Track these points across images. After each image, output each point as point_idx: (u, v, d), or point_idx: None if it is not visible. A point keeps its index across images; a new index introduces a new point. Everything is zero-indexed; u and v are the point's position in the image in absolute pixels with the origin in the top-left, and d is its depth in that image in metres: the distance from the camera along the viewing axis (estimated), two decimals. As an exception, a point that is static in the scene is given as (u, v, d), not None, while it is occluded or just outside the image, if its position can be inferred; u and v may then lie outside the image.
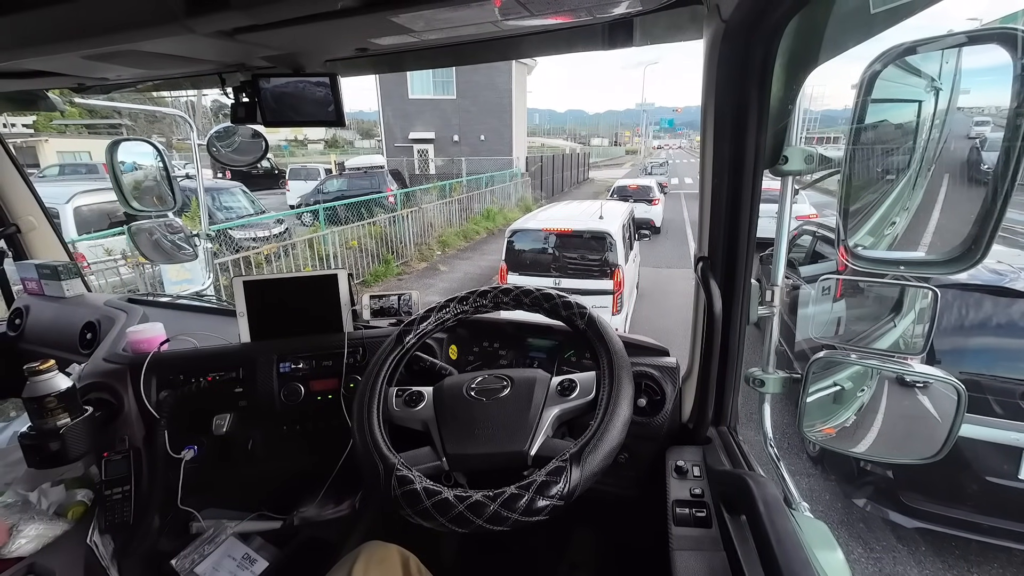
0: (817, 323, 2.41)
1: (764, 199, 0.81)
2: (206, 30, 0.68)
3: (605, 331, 0.85)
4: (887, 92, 0.66)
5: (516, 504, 0.62)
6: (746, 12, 0.66)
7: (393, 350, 0.90)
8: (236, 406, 1.19)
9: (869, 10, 0.58)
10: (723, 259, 0.86)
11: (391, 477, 0.68)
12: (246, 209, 8.60)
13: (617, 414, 0.72)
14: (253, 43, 0.83)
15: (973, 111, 0.73)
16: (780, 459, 0.89)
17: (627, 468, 1.05)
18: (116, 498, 1.07)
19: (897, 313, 1.86)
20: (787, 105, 0.75)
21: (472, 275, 8.06)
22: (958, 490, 2.28)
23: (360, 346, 1.21)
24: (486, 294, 0.96)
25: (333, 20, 0.70)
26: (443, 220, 10.11)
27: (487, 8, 0.71)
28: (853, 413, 1.00)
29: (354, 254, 7.27)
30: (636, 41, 0.90)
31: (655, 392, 1.04)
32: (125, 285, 4.85)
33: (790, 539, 0.62)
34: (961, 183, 0.73)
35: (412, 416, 0.82)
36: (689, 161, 44.26)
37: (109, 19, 0.69)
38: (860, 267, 0.73)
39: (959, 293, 2.42)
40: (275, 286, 1.24)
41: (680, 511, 0.82)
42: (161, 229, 1.80)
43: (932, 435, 0.79)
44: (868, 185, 0.76)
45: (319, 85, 0.99)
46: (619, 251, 4.42)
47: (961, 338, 2.39)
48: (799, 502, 0.83)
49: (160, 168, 1.73)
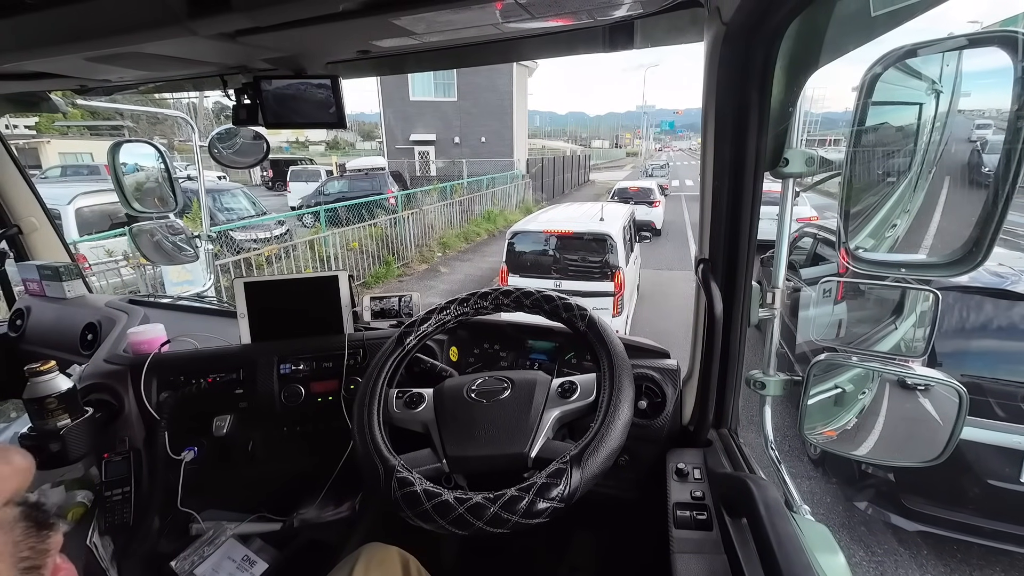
0: (818, 325, 2.40)
1: (765, 201, 0.81)
2: (208, 32, 0.69)
3: (606, 333, 0.85)
4: (888, 95, 0.66)
5: (516, 506, 0.62)
6: (747, 15, 0.66)
7: (393, 352, 0.90)
8: (236, 407, 1.19)
9: (869, 13, 0.59)
10: (724, 261, 0.86)
11: (391, 479, 0.68)
12: (247, 210, 8.62)
13: (618, 416, 0.72)
14: (255, 45, 0.83)
15: (974, 114, 0.73)
16: (781, 462, 0.89)
17: (628, 470, 1.05)
18: (116, 499, 1.07)
19: (898, 315, 1.85)
20: (788, 107, 0.75)
21: (473, 277, 8.06)
22: (960, 493, 2.28)
23: (360, 348, 1.21)
24: (487, 296, 0.96)
25: (334, 22, 0.71)
26: (444, 222, 10.12)
27: (488, 10, 0.71)
28: (854, 416, 1.00)
29: (355, 255, 7.27)
30: (637, 44, 0.90)
31: (656, 394, 1.04)
32: (126, 286, 4.86)
33: (791, 542, 0.62)
34: (962, 185, 0.73)
35: (412, 418, 0.82)
36: (690, 163, 44.29)
37: (112, 21, 0.69)
38: (861, 269, 0.73)
39: (960, 296, 2.41)
40: (276, 287, 1.24)
41: (681, 514, 0.82)
42: (162, 230, 1.81)
43: (934, 438, 0.79)
44: (869, 187, 0.76)
45: (320, 87, 0.99)
46: (620, 253, 4.42)
47: (963, 341, 2.39)
48: (800, 505, 0.82)
49: (162, 169, 1.74)
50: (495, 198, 12.96)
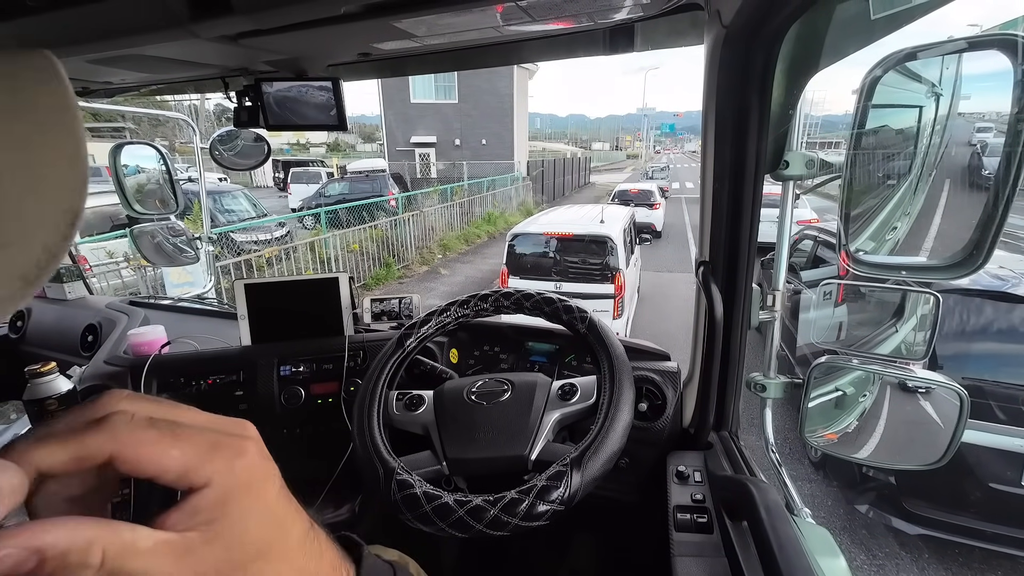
0: (818, 328, 2.40)
1: (765, 204, 0.81)
2: (210, 34, 0.69)
3: (606, 335, 0.85)
4: (888, 97, 0.66)
5: (516, 509, 0.62)
6: (747, 18, 0.66)
7: (394, 354, 0.90)
8: (236, 409, 1.19)
9: (869, 16, 0.59)
10: (724, 263, 0.86)
11: (391, 481, 0.67)
12: (248, 212, 8.64)
13: (618, 419, 0.72)
14: (256, 47, 0.83)
15: (974, 117, 0.73)
16: (782, 464, 0.88)
17: (628, 473, 1.05)
18: (115, 501, 1.07)
19: (899, 318, 1.85)
20: (788, 110, 0.75)
21: (473, 279, 8.06)
22: (961, 496, 2.27)
23: (361, 349, 1.21)
24: (487, 298, 0.96)
25: (336, 25, 0.71)
26: (444, 224, 10.13)
27: (489, 13, 0.71)
28: (855, 418, 1.00)
29: (355, 257, 7.28)
30: (637, 46, 0.90)
31: (656, 397, 1.04)
32: (127, 288, 4.86)
33: (792, 545, 0.62)
34: (962, 188, 0.73)
35: (412, 420, 0.82)
36: (690, 166, 44.33)
37: (114, 24, 0.69)
38: (861, 272, 0.72)
39: (961, 298, 2.41)
40: (276, 289, 1.24)
41: (681, 517, 0.81)
42: (163, 232, 1.81)
43: (935, 441, 0.79)
44: (869, 190, 0.76)
45: (321, 89, 1.00)
46: (620, 255, 4.42)
47: (963, 343, 2.39)
48: (801, 508, 0.82)
49: (163, 171, 1.74)
50: (495, 200, 12.97)
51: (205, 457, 0.24)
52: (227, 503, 0.24)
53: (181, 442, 0.24)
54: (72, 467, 0.22)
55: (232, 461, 0.25)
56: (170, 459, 0.23)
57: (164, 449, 0.23)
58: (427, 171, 19.16)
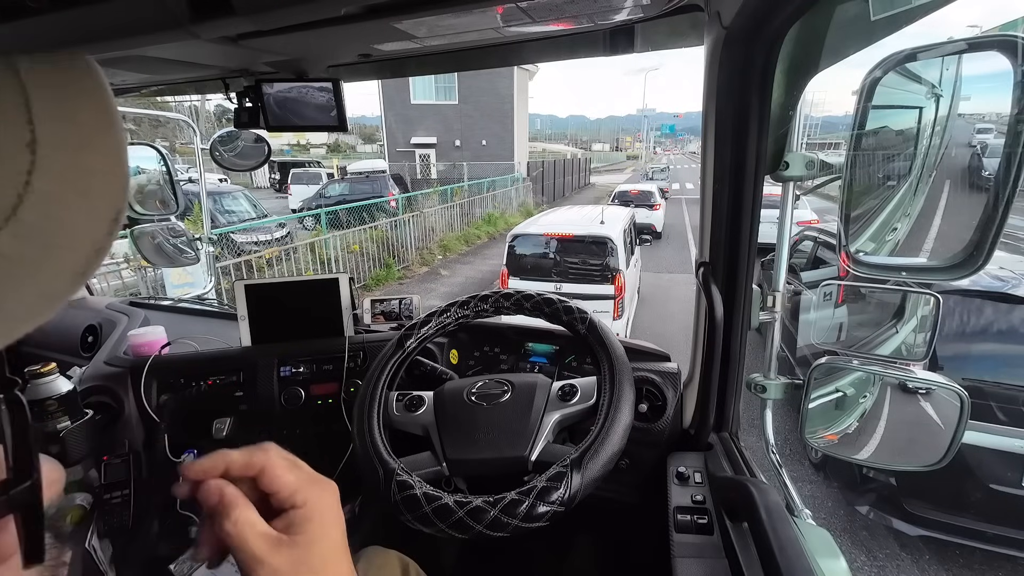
0: (819, 329, 2.40)
1: (765, 204, 0.81)
2: (210, 36, 0.69)
3: (606, 336, 0.85)
4: (888, 98, 0.66)
5: (516, 510, 0.62)
6: (747, 19, 0.66)
7: (394, 354, 0.90)
8: (236, 410, 1.19)
9: (869, 17, 0.59)
10: (724, 264, 0.86)
11: (391, 482, 0.67)
12: (248, 213, 8.64)
13: (618, 420, 0.72)
14: (257, 48, 0.83)
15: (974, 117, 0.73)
16: (782, 465, 0.88)
17: (628, 474, 1.05)
18: (115, 502, 1.07)
19: (899, 319, 1.85)
20: (788, 111, 0.75)
21: (473, 279, 8.06)
22: (962, 498, 2.27)
23: (361, 350, 1.21)
24: (487, 298, 0.95)
25: (336, 26, 0.71)
26: (444, 224, 10.13)
27: (489, 15, 0.71)
28: (855, 419, 0.99)
29: (355, 258, 7.28)
30: (637, 47, 0.90)
31: (656, 398, 1.04)
32: (127, 288, 4.86)
33: (792, 546, 0.62)
34: (962, 189, 0.73)
35: (412, 421, 0.82)
36: (690, 167, 44.34)
37: (114, 24, 0.69)
38: (862, 273, 0.72)
39: (961, 299, 2.41)
40: (276, 290, 1.24)
41: (681, 518, 0.81)
42: (164, 233, 1.81)
43: (935, 442, 0.79)
44: (869, 191, 0.76)
45: (322, 90, 1.00)
46: (620, 256, 4.42)
47: (964, 344, 2.38)
48: (801, 509, 0.82)
49: (163, 172, 1.74)
50: (496, 201, 12.98)
51: (307, 486, 0.38)
52: (311, 521, 0.37)
53: (297, 472, 0.39)
54: (242, 471, 0.37)
55: (322, 494, 0.39)
56: (288, 481, 0.38)
57: (286, 473, 0.38)
58: (427, 172, 19.17)
